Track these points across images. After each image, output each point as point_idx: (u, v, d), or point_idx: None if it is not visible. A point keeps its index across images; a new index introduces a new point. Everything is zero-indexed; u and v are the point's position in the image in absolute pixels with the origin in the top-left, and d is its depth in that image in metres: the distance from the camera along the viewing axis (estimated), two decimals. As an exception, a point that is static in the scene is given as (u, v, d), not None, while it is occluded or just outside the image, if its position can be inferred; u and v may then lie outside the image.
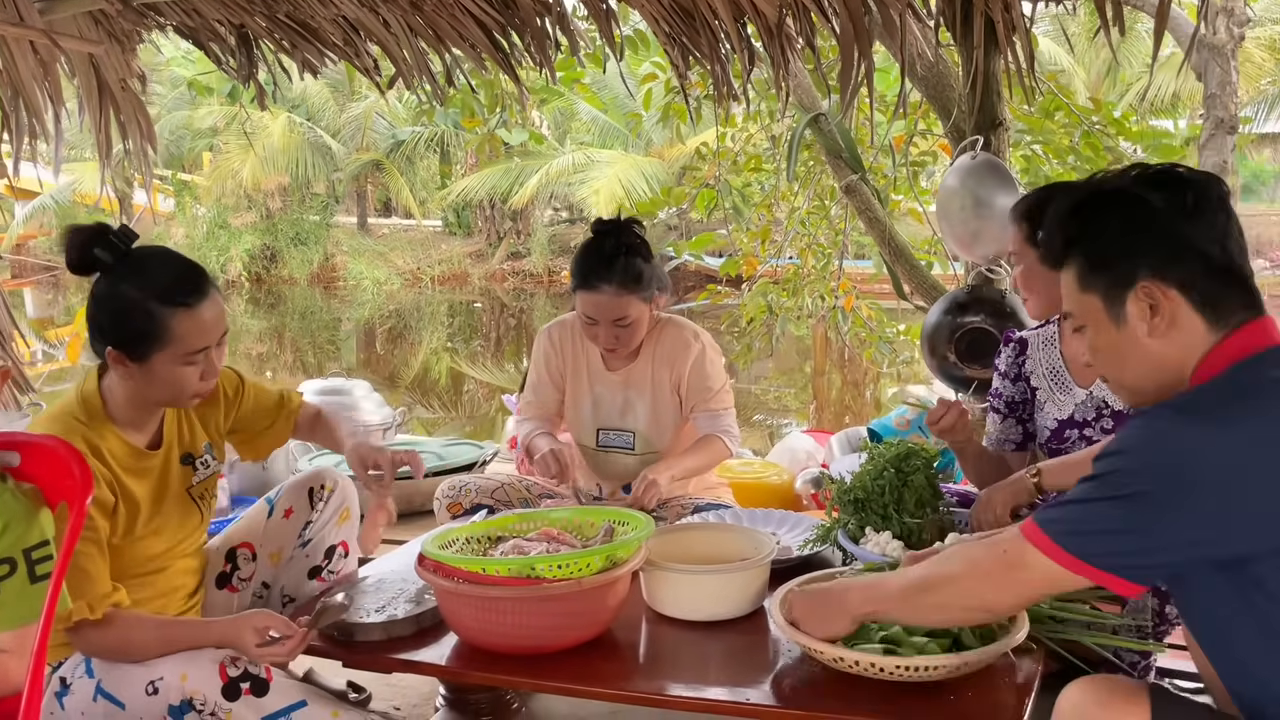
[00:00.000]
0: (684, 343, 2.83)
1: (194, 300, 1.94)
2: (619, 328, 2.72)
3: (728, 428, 2.85)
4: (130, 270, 1.95)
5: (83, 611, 1.85)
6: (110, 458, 1.98)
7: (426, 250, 23.30)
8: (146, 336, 1.91)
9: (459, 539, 2.10)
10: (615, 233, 2.72)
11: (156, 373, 1.95)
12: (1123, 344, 1.48)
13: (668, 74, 5.85)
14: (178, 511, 2.13)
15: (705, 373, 2.83)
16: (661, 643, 2.03)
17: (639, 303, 2.71)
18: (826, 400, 11.84)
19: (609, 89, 19.84)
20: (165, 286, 1.93)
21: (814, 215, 6.41)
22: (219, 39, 3.90)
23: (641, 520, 2.07)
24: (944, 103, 3.60)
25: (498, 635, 1.90)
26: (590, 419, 2.94)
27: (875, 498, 2.30)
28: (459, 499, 2.83)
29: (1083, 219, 1.51)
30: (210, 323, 1.97)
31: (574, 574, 1.86)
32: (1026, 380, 2.50)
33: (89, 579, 1.88)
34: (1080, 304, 1.52)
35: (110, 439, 2.00)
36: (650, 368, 2.85)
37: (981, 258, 3.21)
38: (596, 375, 2.91)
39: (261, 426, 2.34)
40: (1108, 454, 1.39)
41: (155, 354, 1.93)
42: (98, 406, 2.01)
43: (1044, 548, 1.42)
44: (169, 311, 1.91)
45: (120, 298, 1.92)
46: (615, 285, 2.67)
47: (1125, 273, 1.45)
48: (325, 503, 2.34)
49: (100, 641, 1.89)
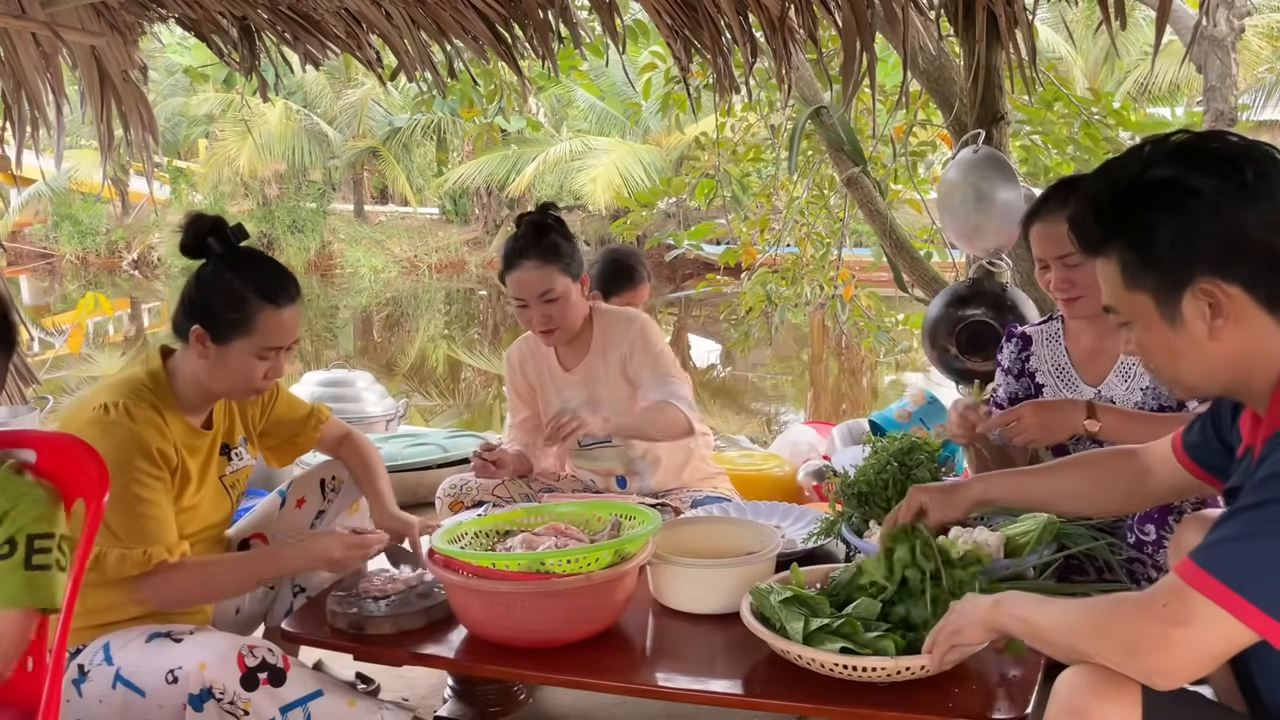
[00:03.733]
0: (624, 323, 2.86)
1: (284, 302, 2.11)
2: (546, 303, 2.72)
3: (680, 394, 2.75)
4: (238, 262, 2.11)
5: (161, 555, 1.95)
6: (172, 427, 2.09)
7: (423, 238, 23.26)
8: (235, 323, 2.06)
9: (468, 533, 2.12)
10: (533, 216, 2.79)
11: (231, 359, 2.08)
12: (1178, 344, 1.36)
13: (667, 63, 5.87)
14: (212, 495, 2.21)
15: (649, 347, 2.81)
16: (668, 636, 2.06)
17: (561, 275, 2.72)
18: (824, 388, 11.86)
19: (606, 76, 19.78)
20: (265, 284, 2.09)
21: (813, 205, 6.43)
22: (221, 31, 3.90)
23: (649, 515, 2.09)
24: (945, 95, 3.61)
25: (507, 629, 1.92)
26: None
27: (879, 491, 2.32)
28: (460, 497, 2.85)
29: (1124, 210, 1.36)
30: (290, 325, 2.12)
31: (583, 569, 1.88)
32: (1031, 376, 2.52)
33: (161, 525, 1.99)
34: (1127, 301, 1.39)
35: (172, 412, 2.11)
36: (602, 359, 2.87)
37: (983, 251, 3.23)
38: (558, 379, 2.93)
39: (289, 434, 2.41)
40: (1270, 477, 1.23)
41: (237, 340, 2.07)
42: (163, 382, 2.12)
43: (1212, 593, 1.21)
44: (261, 305, 2.07)
45: (224, 283, 2.08)
46: (535, 259, 2.70)
47: (1179, 272, 1.32)
48: (337, 494, 2.39)
49: (177, 587, 2.00)
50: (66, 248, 23.54)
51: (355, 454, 2.44)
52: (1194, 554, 1.25)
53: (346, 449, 2.44)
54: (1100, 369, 2.40)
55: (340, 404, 4.17)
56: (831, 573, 2.00)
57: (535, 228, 2.74)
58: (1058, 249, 2.29)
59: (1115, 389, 2.36)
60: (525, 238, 2.74)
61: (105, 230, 23.32)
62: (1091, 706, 1.31)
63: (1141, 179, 1.35)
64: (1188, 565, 1.25)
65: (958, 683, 1.73)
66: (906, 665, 1.67)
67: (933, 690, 1.70)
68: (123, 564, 1.92)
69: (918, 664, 1.67)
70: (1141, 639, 1.26)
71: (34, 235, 24.14)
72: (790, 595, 1.82)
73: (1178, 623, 1.23)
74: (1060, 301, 2.36)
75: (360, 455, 2.44)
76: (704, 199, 6.55)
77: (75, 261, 23.45)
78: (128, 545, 1.92)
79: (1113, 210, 1.37)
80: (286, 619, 2.16)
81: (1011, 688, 1.73)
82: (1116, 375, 2.37)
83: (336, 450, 2.45)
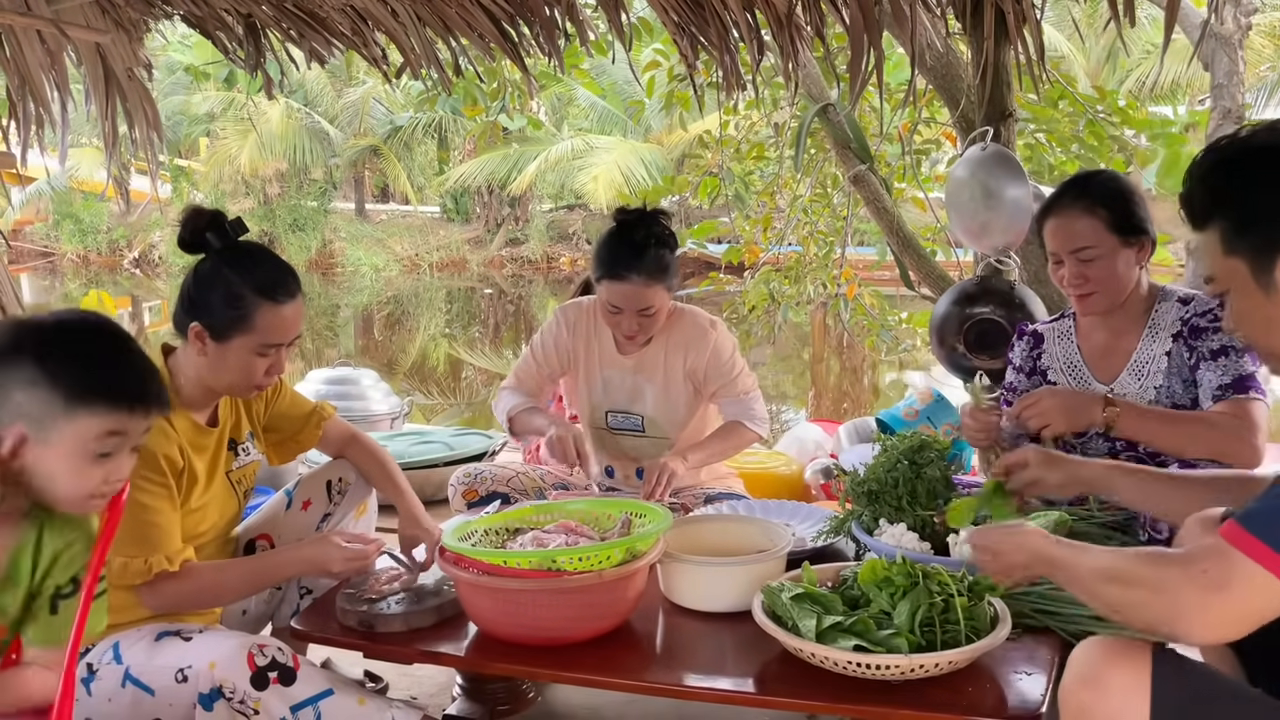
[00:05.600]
0: (700, 331, 2.84)
1: (284, 298, 2.07)
2: (643, 317, 2.73)
3: (754, 412, 2.85)
4: (236, 258, 2.07)
5: (162, 564, 1.94)
6: (177, 428, 2.06)
7: (424, 236, 23.25)
8: (234, 320, 2.03)
9: (478, 530, 2.11)
10: (644, 223, 2.72)
11: (230, 357, 2.05)
12: (1273, 312, 1.38)
13: (670, 61, 5.85)
14: (221, 494, 2.19)
15: (723, 359, 2.84)
16: (678, 633, 2.05)
17: (664, 292, 2.73)
18: (825, 387, 11.86)
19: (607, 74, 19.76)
20: (263, 280, 2.06)
21: (816, 203, 6.42)
22: (226, 28, 3.89)
23: (659, 513, 2.09)
24: (952, 93, 3.60)
25: (518, 626, 1.92)
26: (600, 401, 2.96)
27: (889, 490, 2.31)
28: (475, 486, 2.85)
29: (1228, 176, 1.40)
30: (290, 322, 2.09)
31: (594, 566, 1.88)
32: (1043, 374, 2.51)
33: (163, 533, 1.97)
34: (1224, 267, 1.41)
35: (176, 411, 2.08)
36: (663, 354, 2.86)
37: (991, 249, 3.21)
38: (608, 358, 2.92)
39: (292, 430, 2.38)
40: None
41: (236, 338, 2.04)
42: (166, 381, 2.06)
43: (1259, 555, 1.20)
44: (260, 302, 2.04)
45: (222, 279, 2.04)
46: (644, 276, 2.68)
47: (1273, 238, 1.35)
48: (344, 496, 2.36)
49: (178, 593, 1.98)
50: (68, 246, 23.54)
51: (368, 456, 2.40)
52: (1239, 516, 1.24)
53: (355, 451, 2.41)
54: (1113, 366, 2.39)
55: (345, 401, 4.16)
56: (842, 571, 2.00)
57: (649, 240, 2.69)
58: (1072, 243, 2.29)
59: (1128, 387, 2.35)
60: (637, 249, 2.68)
61: (106, 229, 23.31)
62: (1104, 673, 1.34)
63: (1246, 146, 1.41)
64: (1232, 527, 1.24)
65: (971, 680, 1.72)
66: (920, 663, 1.66)
67: (946, 688, 1.69)
68: (125, 573, 1.92)
69: (932, 662, 1.66)
70: (1179, 600, 1.27)
71: (35, 234, 24.13)
72: (802, 593, 1.82)
73: (1217, 587, 1.23)
74: (1073, 298, 2.35)
75: (374, 457, 2.40)
76: (707, 197, 6.54)
77: (76, 260, 23.45)
78: (130, 554, 1.91)
79: (1217, 176, 1.42)
80: (295, 617, 2.15)
81: (1025, 685, 1.73)
82: (1129, 373, 2.36)
83: (342, 451, 2.42)
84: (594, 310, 2.91)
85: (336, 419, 2.45)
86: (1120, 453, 2.36)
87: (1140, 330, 2.37)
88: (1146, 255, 2.34)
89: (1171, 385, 2.31)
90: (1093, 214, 2.29)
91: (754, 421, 2.85)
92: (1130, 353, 2.37)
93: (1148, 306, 2.37)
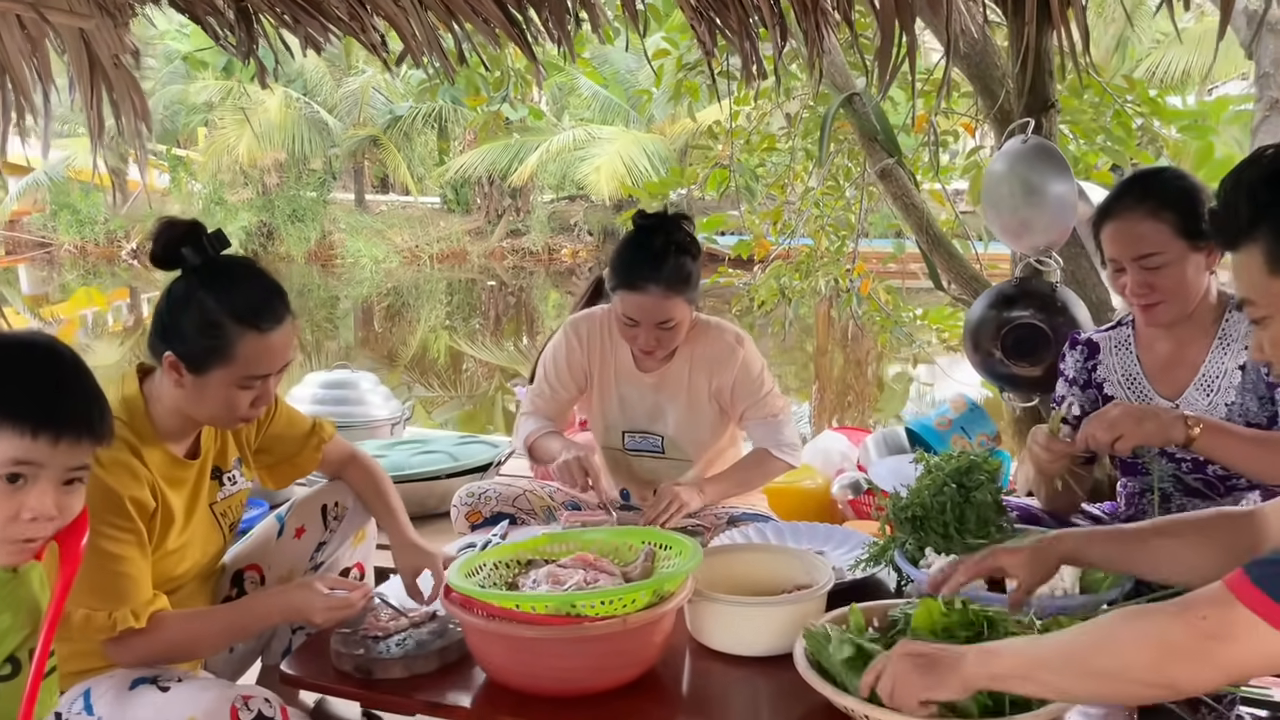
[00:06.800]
0: (726, 348, 2.63)
1: (268, 325, 1.83)
2: (662, 330, 2.52)
3: (784, 439, 2.65)
4: (213, 278, 1.83)
5: (127, 620, 1.73)
6: (150, 464, 1.85)
7: (425, 228, 23.05)
8: (211, 351, 1.81)
9: (486, 564, 1.92)
10: (663, 229, 2.51)
11: (209, 390, 1.83)
12: None
13: (678, 50, 5.65)
14: (203, 530, 1.98)
15: (752, 376, 2.64)
16: (709, 680, 1.86)
17: (684, 304, 2.52)
18: (829, 380, 11.71)
19: (609, 64, 19.56)
20: (245, 304, 1.82)
21: (828, 195, 6.23)
22: (217, 13, 3.67)
23: (687, 545, 1.89)
24: (987, 82, 3.39)
25: (533, 676, 1.72)
26: (616, 421, 2.76)
27: (935, 515, 2.11)
28: (478, 507, 2.66)
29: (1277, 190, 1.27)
30: (278, 351, 1.86)
31: (617, 611, 1.68)
32: (1099, 388, 2.31)
33: (132, 584, 1.76)
34: (1267, 291, 1.30)
35: (150, 445, 1.86)
36: (687, 372, 2.65)
37: (1031, 248, 3.01)
38: (626, 375, 2.71)
39: (288, 452, 2.17)
40: None
41: (215, 370, 1.82)
42: (140, 410, 1.88)
43: (1265, 612, 1.10)
44: (241, 331, 1.81)
45: (196, 304, 1.82)
46: (663, 287, 2.46)
47: None
48: (340, 521, 2.16)
49: (147, 649, 1.77)
50: (65, 237, 23.34)
51: (364, 477, 2.20)
52: (1248, 567, 1.14)
53: (353, 471, 2.21)
54: (1178, 381, 2.19)
55: (344, 407, 3.96)
56: (891, 611, 1.81)
57: (669, 248, 2.47)
58: (1136, 249, 2.08)
59: (1196, 403, 2.15)
60: (657, 256, 2.46)
61: (104, 219, 23.10)
62: None
63: None
64: (1239, 578, 1.14)
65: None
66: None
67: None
68: (87, 626, 1.71)
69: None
70: (1175, 650, 1.17)
71: (32, 224, 23.93)
72: (854, 654, 1.60)
73: (1216, 637, 1.13)
74: (1137, 308, 2.15)
75: (370, 479, 2.20)
76: (717, 190, 6.34)
77: (74, 251, 23.24)
78: (93, 606, 1.71)
79: (1266, 190, 1.28)
80: (286, 659, 1.95)
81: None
82: (1197, 388, 2.16)
83: (340, 472, 2.22)
84: (608, 321, 2.70)
85: (337, 439, 2.24)
86: (1188, 474, 2.17)
87: (1209, 341, 2.17)
88: (1216, 259, 2.13)
89: (1245, 403, 2.10)
90: (1158, 217, 2.08)
91: (783, 449, 2.65)
92: (1197, 366, 2.17)
93: (1217, 315, 2.17)
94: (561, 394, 2.78)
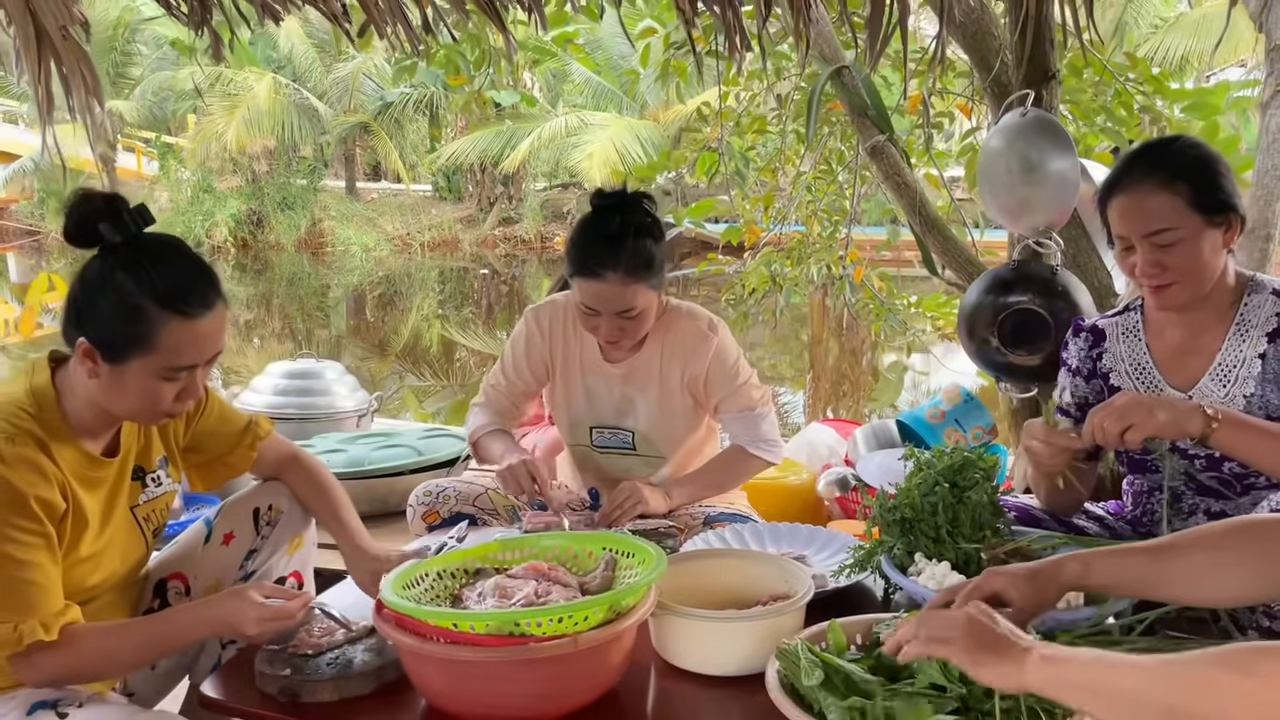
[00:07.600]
0: (699, 335, 2.45)
1: (195, 310, 1.64)
2: (624, 319, 2.33)
3: (763, 434, 2.47)
4: (134, 257, 1.64)
5: (36, 633, 1.54)
6: (61, 462, 1.66)
7: (416, 215, 22.86)
8: (130, 338, 1.62)
9: (429, 574, 1.73)
10: (621, 209, 2.31)
11: (128, 381, 1.64)
12: None
13: (666, 29, 5.45)
14: (122, 537, 1.80)
15: (726, 365, 2.45)
16: (675, 702, 1.68)
17: (647, 291, 2.32)
18: (824, 369, 11.56)
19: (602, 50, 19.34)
20: (167, 287, 1.62)
21: (820, 180, 6.04)
22: (168, -19, 3.48)
23: (650, 553, 1.70)
24: (983, 54, 3.20)
25: (475, 703, 1.54)
26: (583, 416, 2.57)
27: (926, 517, 1.93)
28: (435, 507, 2.48)
29: None
30: (206, 339, 1.67)
31: (568, 630, 1.50)
32: (1104, 377, 2.12)
33: (41, 592, 1.57)
34: None
35: (62, 441, 1.67)
36: (658, 361, 2.46)
37: (1030, 229, 2.81)
38: (592, 366, 2.52)
39: (220, 451, 1.98)
40: None
41: (133, 359, 1.63)
42: (51, 402, 1.68)
43: None
44: (164, 316, 1.62)
45: (112, 286, 1.62)
46: (621, 273, 2.27)
47: None
48: (273, 527, 1.97)
49: (58, 666, 1.59)
50: (53, 224, 23.10)
51: (306, 479, 2.01)
52: None
53: (293, 473, 2.02)
54: (1191, 370, 2.01)
55: (308, 398, 3.78)
56: (876, 625, 1.63)
57: (627, 230, 2.27)
58: (1146, 225, 1.89)
59: (1211, 394, 1.96)
60: (614, 241, 2.26)
61: (92, 207, 22.88)
62: None
63: None
64: None
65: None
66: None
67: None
68: None
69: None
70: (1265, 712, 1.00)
71: (20, 212, 23.72)
72: (827, 677, 1.42)
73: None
74: (1147, 289, 1.96)
75: (313, 481, 2.01)
76: (705, 174, 6.16)
77: (61, 238, 23.06)
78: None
79: None
80: (207, 680, 1.77)
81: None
82: (1212, 378, 1.97)
83: (279, 473, 2.03)
84: (571, 309, 2.51)
85: (275, 436, 2.06)
86: (1201, 472, 1.99)
87: (1225, 327, 1.98)
88: (1234, 236, 1.94)
89: (1266, 394, 1.92)
90: (1170, 189, 1.88)
91: (760, 446, 2.47)
92: (1213, 354, 1.98)
93: (1235, 299, 1.98)
94: (518, 385, 2.59)
